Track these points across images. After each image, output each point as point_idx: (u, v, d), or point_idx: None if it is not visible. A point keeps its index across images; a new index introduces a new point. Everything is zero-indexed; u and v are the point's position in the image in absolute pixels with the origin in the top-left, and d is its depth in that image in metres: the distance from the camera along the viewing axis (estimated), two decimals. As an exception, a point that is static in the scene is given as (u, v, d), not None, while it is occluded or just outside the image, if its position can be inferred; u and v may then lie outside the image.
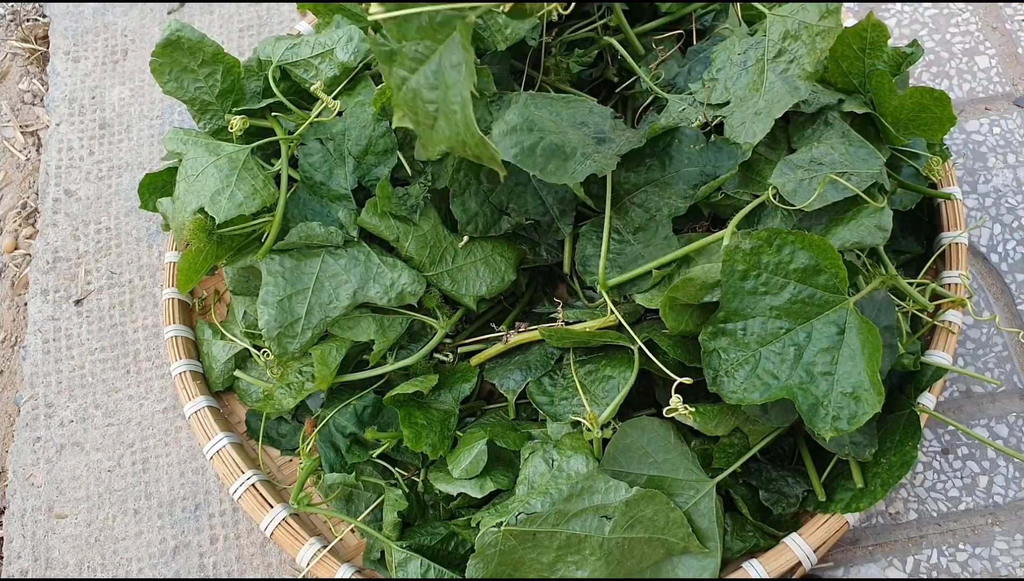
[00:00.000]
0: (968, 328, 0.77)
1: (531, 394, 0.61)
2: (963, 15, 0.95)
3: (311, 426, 0.65)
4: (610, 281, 0.61)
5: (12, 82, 0.99)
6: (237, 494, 0.63)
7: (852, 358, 0.52)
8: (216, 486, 0.74)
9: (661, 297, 0.56)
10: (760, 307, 0.53)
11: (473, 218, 0.64)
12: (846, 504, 0.57)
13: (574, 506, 0.53)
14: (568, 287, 0.71)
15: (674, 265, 0.60)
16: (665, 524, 0.53)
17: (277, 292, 0.61)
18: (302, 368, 0.65)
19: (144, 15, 1.00)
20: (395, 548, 0.58)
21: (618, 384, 0.59)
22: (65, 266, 0.86)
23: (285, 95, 0.68)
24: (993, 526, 0.69)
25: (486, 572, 0.53)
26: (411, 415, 0.61)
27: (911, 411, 0.58)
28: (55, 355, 0.81)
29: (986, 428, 0.73)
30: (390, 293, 0.62)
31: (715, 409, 0.57)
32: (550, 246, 0.68)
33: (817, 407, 0.51)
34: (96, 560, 0.72)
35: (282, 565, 0.71)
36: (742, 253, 0.52)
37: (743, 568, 0.57)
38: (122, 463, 0.76)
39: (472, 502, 0.61)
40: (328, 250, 0.63)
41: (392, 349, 0.66)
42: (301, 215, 0.64)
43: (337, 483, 0.61)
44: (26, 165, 0.93)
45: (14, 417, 0.79)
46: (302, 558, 0.60)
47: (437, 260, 0.64)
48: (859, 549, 0.69)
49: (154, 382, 0.79)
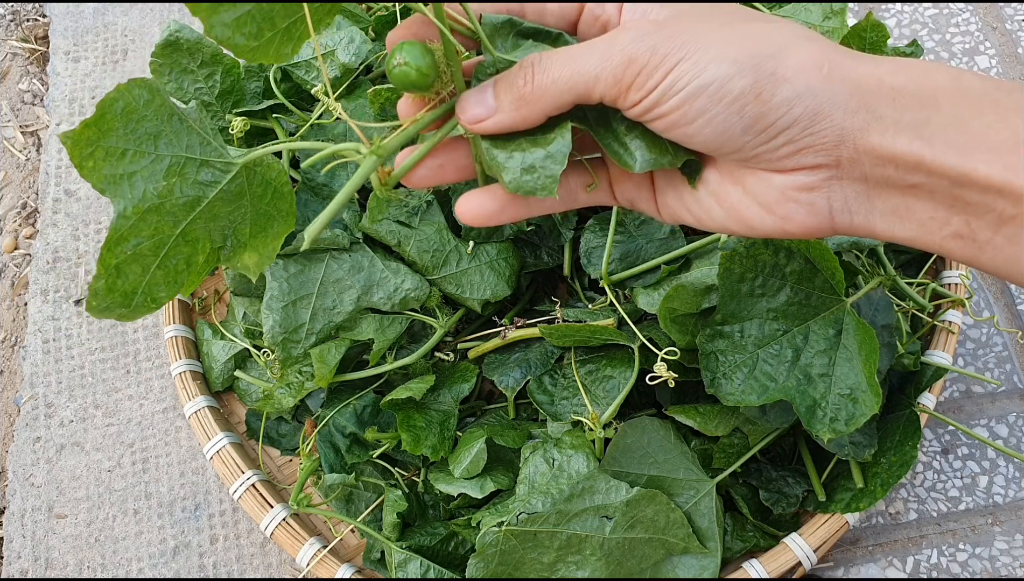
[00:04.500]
0: (968, 328, 0.77)
1: (531, 392, 0.61)
2: (963, 15, 0.95)
3: (311, 426, 0.65)
4: (613, 276, 0.61)
5: (12, 82, 0.99)
6: (237, 494, 0.63)
7: (849, 360, 0.52)
8: (216, 486, 0.74)
9: (662, 300, 0.56)
10: (757, 309, 0.53)
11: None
12: (846, 504, 0.57)
13: (575, 506, 0.53)
14: (568, 288, 0.71)
15: (681, 261, 0.60)
16: (665, 524, 0.54)
17: (281, 297, 0.61)
18: (302, 368, 0.65)
19: (144, 15, 1.00)
20: (395, 548, 0.58)
21: (619, 384, 0.59)
22: (65, 266, 0.86)
23: (286, 96, 0.68)
24: (993, 526, 0.69)
25: (486, 572, 0.54)
26: (409, 418, 0.61)
27: (911, 411, 0.58)
28: (55, 355, 0.81)
29: (986, 428, 0.73)
30: (393, 298, 0.62)
31: (715, 409, 0.57)
32: (551, 249, 0.68)
33: (815, 409, 0.51)
34: (96, 560, 0.72)
35: (282, 565, 0.71)
36: (738, 256, 0.52)
37: (743, 568, 0.57)
38: (122, 463, 0.76)
39: (472, 502, 0.61)
40: (332, 254, 0.63)
41: (392, 348, 0.66)
42: (303, 217, 0.64)
43: (337, 483, 0.61)
44: (26, 165, 0.93)
45: (14, 417, 0.79)
46: (302, 558, 0.60)
47: (440, 264, 0.64)
48: (859, 549, 0.69)
49: (154, 382, 0.79)
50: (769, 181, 0.36)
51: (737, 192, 0.37)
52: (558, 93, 0.35)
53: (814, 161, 0.34)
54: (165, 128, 0.36)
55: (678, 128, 0.35)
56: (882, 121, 0.33)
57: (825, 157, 0.34)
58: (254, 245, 0.40)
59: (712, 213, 0.39)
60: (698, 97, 0.33)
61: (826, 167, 0.34)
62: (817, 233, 0.36)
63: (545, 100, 0.35)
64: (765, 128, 0.34)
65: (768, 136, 0.34)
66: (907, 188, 0.33)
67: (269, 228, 0.40)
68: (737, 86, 0.33)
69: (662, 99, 0.34)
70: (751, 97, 0.33)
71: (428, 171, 0.39)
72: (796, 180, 0.35)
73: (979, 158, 0.31)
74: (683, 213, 0.40)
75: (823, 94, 0.33)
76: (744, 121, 0.33)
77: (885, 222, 0.35)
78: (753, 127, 0.34)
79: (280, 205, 0.40)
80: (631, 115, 0.36)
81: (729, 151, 0.35)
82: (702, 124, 0.34)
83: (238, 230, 0.40)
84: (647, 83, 0.34)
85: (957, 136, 0.32)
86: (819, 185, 0.35)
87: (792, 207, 0.35)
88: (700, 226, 0.40)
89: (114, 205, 0.36)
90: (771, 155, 0.34)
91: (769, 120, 0.33)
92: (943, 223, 0.33)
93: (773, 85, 0.33)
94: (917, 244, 0.34)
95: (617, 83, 0.34)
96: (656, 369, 0.55)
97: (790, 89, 0.33)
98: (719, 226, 0.39)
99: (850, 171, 0.34)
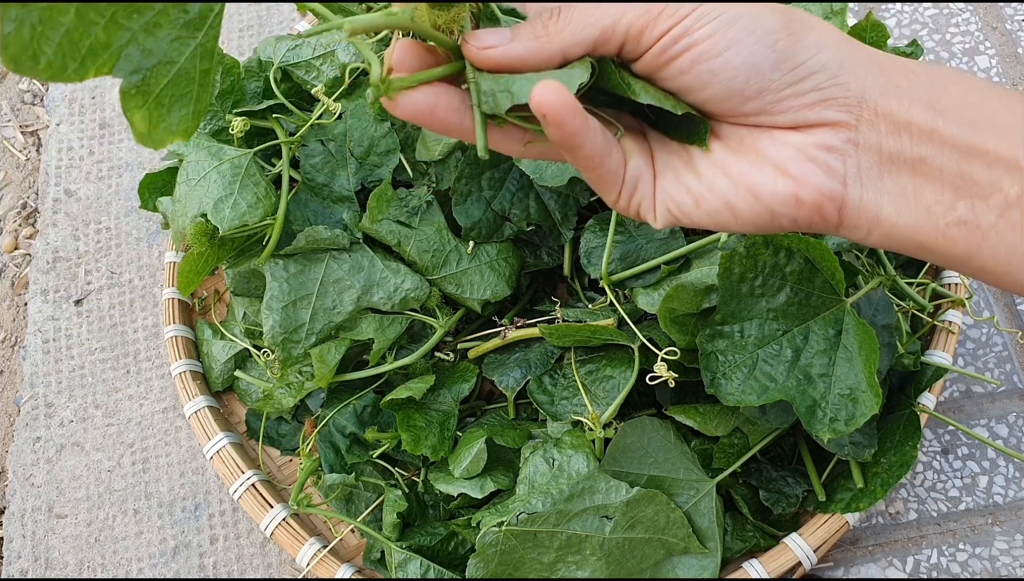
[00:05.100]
0: (968, 328, 0.77)
1: (531, 392, 0.61)
2: (963, 15, 0.95)
3: (311, 426, 0.65)
4: (613, 276, 0.61)
5: (12, 82, 0.99)
6: (237, 494, 0.63)
7: (849, 360, 0.52)
8: (216, 486, 0.74)
9: (662, 300, 0.56)
10: (757, 309, 0.53)
11: (476, 225, 0.64)
12: (846, 504, 0.57)
13: (575, 506, 0.53)
14: (568, 288, 0.71)
15: (681, 261, 0.60)
16: (665, 524, 0.54)
17: (281, 297, 0.61)
18: (302, 368, 0.65)
19: (144, 15, 1.00)
20: (395, 548, 0.58)
21: (619, 384, 0.59)
22: (65, 266, 0.86)
23: (286, 96, 0.68)
24: (993, 526, 0.69)
25: (486, 572, 0.54)
26: (409, 418, 0.61)
27: (911, 411, 0.58)
28: (55, 355, 0.81)
29: (986, 428, 0.73)
30: (393, 298, 0.62)
31: (715, 409, 0.57)
32: (551, 249, 0.68)
33: (815, 409, 0.51)
34: (96, 560, 0.72)
35: (282, 565, 0.71)
36: (738, 256, 0.52)
37: (743, 568, 0.57)
38: (122, 463, 0.76)
39: (472, 502, 0.61)
40: (332, 254, 0.63)
41: (392, 348, 0.66)
42: (303, 217, 0.64)
43: (337, 483, 0.61)
44: (26, 165, 0.93)
45: (14, 417, 0.79)
46: (302, 558, 0.60)
47: (440, 264, 0.64)
48: (859, 549, 0.69)
49: (154, 382, 0.79)
50: (785, 140, 0.35)
51: (748, 159, 0.36)
52: (582, 25, 0.34)
53: (836, 116, 0.34)
54: None
55: (705, 60, 0.33)
56: (899, 89, 0.33)
57: (847, 113, 0.34)
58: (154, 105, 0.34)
59: (715, 184, 0.37)
60: (732, 26, 0.33)
61: (846, 126, 0.34)
62: (829, 204, 0.35)
63: (566, 33, 0.34)
64: (795, 66, 0.33)
65: (797, 76, 0.34)
66: (916, 163, 0.33)
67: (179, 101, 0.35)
68: (771, 21, 0.33)
69: (694, 26, 0.33)
70: (784, 34, 0.33)
71: (423, 97, 0.36)
72: (816, 138, 0.34)
73: (987, 134, 0.32)
74: (681, 194, 0.38)
75: (848, 51, 0.34)
76: (776, 56, 0.33)
77: (892, 205, 0.34)
78: (784, 63, 0.33)
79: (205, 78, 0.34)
80: (656, 50, 0.34)
81: (752, 93, 0.34)
82: (732, 55, 0.33)
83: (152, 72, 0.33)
84: (680, 10, 0.33)
85: (966, 113, 0.33)
86: (838, 146, 0.34)
87: (810, 167, 0.35)
88: (697, 209, 0.37)
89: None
90: (796, 101, 0.34)
91: (800, 58, 0.33)
92: (948, 208, 0.33)
93: (803, 29, 0.33)
94: (919, 235, 0.34)
95: (647, 11, 0.33)
96: (656, 369, 0.55)
97: (819, 36, 0.34)
98: (719, 203, 0.37)
99: (867, 136, 0.34)
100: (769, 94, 0.34)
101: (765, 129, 0.36)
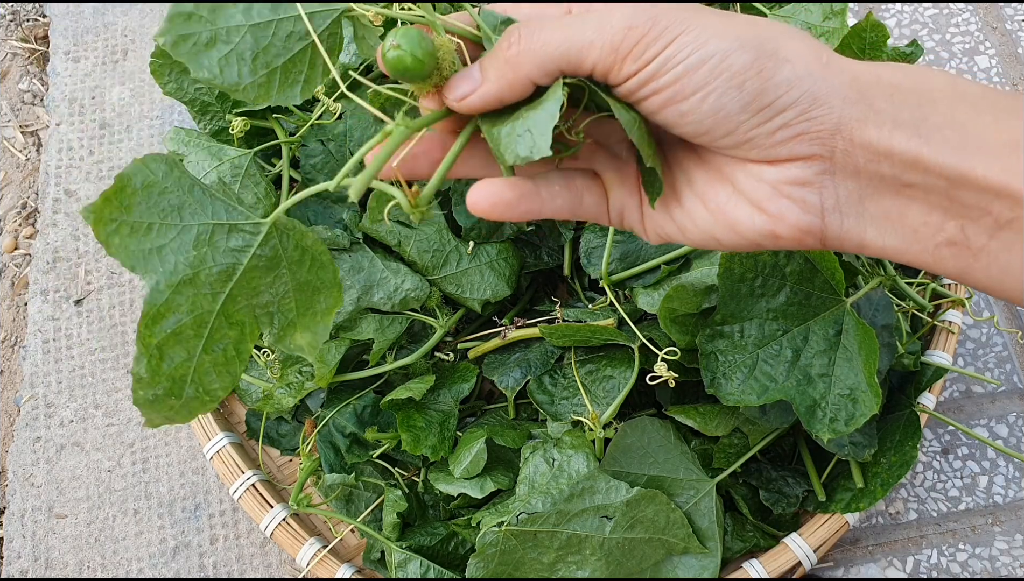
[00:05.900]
0: (968, 328, 0.77)
1: (531, 392, 0.61)
2: (963, 15, 0.95)
3: (311, 426, 0.65)
4: (613, 276, 0.61)
5: (12, 82, 0.99)
6: (237, 494, 0.63)
7: (849, 360, 0.52)
8: (216, 486, 0.74)
9: (662, 300, 0.56)
10: (757, 309, 0.53)
11: (476, 225, 0.64)
12: (846, 504, 0.57)
13: (575, 506, 0.53)
14: (568, 288, 0.71)
15: (681, 261, 0.60)
16: (665, 524, 0.54)
17: (281, 297, 0.61)
18: (302, 368, 0.65)
19: (144, 15, 1.00)
20: (395, 548, 0.58)
21: (619, 384, 0.59)
22: (65, 266, 0.86)
23: (285, 96, 0.68)
24: (993, 526, 0.69)
25: (486, 572, 0.54)
26: (409, 418, 0.61)
27: (911, 411, 0.58)
28: (55, 355, 0.81)
29: (986, 428, 0.73)
30: (393, 298, 0.62)
31: (715, 409, 0.57)
32: (551, 249, 0.68)
33: (815, 409, 0.51)
34: (96, 560, 0.72)
35: (282, 565, 0.71)
36: (738, 256, 0.52)
37: (743, 568, 0.57)
38: (122, 463, 0.76)
39: (472, 502, 0.61)
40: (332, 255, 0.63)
41: (392, 348, 0.66)
42: (303, 217, 0.64)
43: (337, 483, 0.61)
44: (26, 165, 0.93)
45: (14, 417, 0.79)
46: (302, 558, 0.60)
47: (440, 264, 0.64)
48: (859, 549, 0.69)
49: (154, 382, 0.79)
50: (760, 175, 0.35)
51: (726, 191, 0.36)
52: (547, 57, 0.33)
53: (808, 150, 0.33)
54: (188, 198, 0.36)
55: (673, 104, 0.33)
56: (879, 115, 0.32)
57: (820, 147, 0.33)
58: (304, 323, 0.39)
59: (696, 217, 0.37)
60: (698, 69, 0.32)
61: (820, 159, 0.33)
62: (808, 237, 0.35)
63: (532, 63, 0.34)
64: (763, 107, 0.33)
65: (765, 116, 0.33)
66: (902, 188, 0.32)
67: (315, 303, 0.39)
68: (739, 61, 0.32)
69: (660, 71, 0.33)
70: (752, 73, 0.32)
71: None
72: (789, 173, 0.34)
73: (977, 159, 0.31)
74: (666, 223, 0.39)
75: (823, 81, 0.33)
76: (743, 97, 0.33)
77: (876, 229, 0.34)
78: (751, 104, 0.33)
79: (322, 275, 0.39)
80: (623, 91, 0.34)
81: (721, 134, 0.34)
82: (699, 99, 0.33)
83: (283, 306, 0.39)
84: (646, 53, 0.33)
85: (954, 135, 0.31)
86: (812, 180, 0.34)
87: (785, 204, 0.34)
88: (683, 237, 0.38)
89: (147, 282, 0.35)
90: (766, 140, 0.34)
91: (768, 98, 0.33)
92: (936, 229, 0.32)
93: (775, 64, 0.32)
94: (907, 257, 0.34)
95: (614, 51, 0.33)
96: (656, 369, 0.55)
97: (791, 70, 0.32)
98: (703, 234, 0.37)
99: (844, 165, 0.33)
100: (738, 134, 0.34)
101: (740, 162, 0.35)
